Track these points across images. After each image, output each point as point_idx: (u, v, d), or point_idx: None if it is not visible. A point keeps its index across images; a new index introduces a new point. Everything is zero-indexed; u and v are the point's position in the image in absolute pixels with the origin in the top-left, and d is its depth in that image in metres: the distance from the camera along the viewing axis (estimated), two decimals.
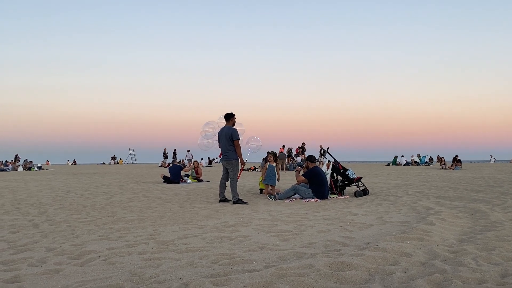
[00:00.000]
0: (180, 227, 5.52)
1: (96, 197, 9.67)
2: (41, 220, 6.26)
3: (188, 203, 8.39)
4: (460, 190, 10.08)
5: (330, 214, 6.52)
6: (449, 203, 7.46)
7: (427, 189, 10.73)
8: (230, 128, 8.33)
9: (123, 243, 4.51)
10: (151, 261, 3.68)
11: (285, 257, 3.69)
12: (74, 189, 12.18)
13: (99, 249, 4.19)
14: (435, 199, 8.22)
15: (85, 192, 11.12)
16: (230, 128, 8.33)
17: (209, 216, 6.58)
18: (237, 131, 8.31)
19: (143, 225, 5.74)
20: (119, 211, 7.26)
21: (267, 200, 8.70)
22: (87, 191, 11.28)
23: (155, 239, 4.67)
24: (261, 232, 5.02)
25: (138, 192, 11.12)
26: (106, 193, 10.69)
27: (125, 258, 3.79)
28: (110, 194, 10.41)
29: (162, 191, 11.21)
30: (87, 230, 5.41)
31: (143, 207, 7.86)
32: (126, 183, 14.61)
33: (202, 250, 4.08)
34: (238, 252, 3.95)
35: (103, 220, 6.29)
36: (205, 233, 5.02)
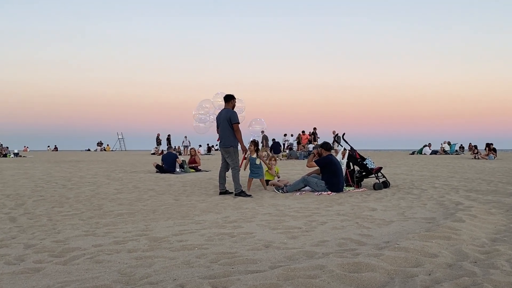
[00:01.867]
0: (175, 222, 5.57)
1: (81, 188, 9.76)
2: (19, 213, 6.34)
3: (184, 196, 8.45)
4: (494, 183, 10.06)
5: (345, 209, 6.54)
6: (482, 198, 7.46)
7: (456, 181, 10.72)
8: (228, 110, 8.34)
9: (111, 239, 4.56)
10: (142, 259, 3.73)
11: (293, 256, 3.72)
12: (55, 178, 12.28)
13: (84, 246, 4.24)
14: (465, 193, 8.21)
15: (68, 182, 11.22)
16: (229, 110, 8.34)
17: (208, 210, 6.63)
18: (236, 114, 8.32)
19: (134, 220, 5.80)
20: (107, 204, 7.32)
21: (274, 193, 8.74)
22: (70, 181, 11.37)
23: (147, 236, 4.72)
24: (266, 229, 5.06)
25: (127, 182, 11.20)
26: (92, 184, 10.78)
27: (113, 257, 3.84)
28: (96, 185, 10.50)
29: (155, 182, 11.28)
30: (70, 224, 5.48)
31: (133, 199, 7.93)
32: (114, 173, 14.71)
33: (200, 248, 4.12)
34: (241, 250, 3.99)
35: (89, 213, 6.36)
36: (203, 229, 5.07)
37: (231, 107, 8.47)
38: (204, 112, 10.35)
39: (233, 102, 8.50)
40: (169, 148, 16.80)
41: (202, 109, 10.29)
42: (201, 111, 10.34)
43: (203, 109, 10.31)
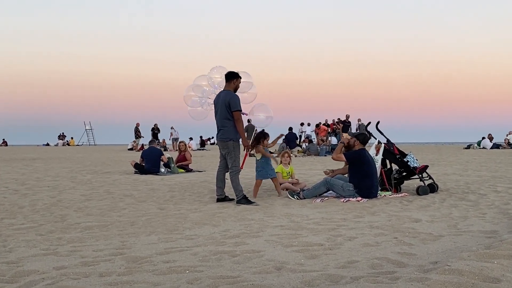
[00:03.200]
0: (160, 238, 5.59)
1: (38, 194, 9.82)
2: None
3: (172, 203, 8.49)
4: None
5: (380, 220, 6.53)
6: None
7: None
8: (228, 93, 8.33)
9: (78, 260, 4.59)
10: (118, 285, 3.75)
11: (312, 281, 3.72)
12: (5, 181, 12.37)
13: (42, 269, 4.26)
14: None
15: (21, 186, 11.30)
16: (229, 93, 8.33)
17: (202, 222, 6.65)
18: (238, 99, 8.30)
19: (106, 235, 5.83)
20: (71, 214, 7.37)
21: (287, 199, 8.75)
22: (24, 185, 11.45)
23: (124, 255, 4.74)
24: (277, 246, 5.06)
25: (98, 186, 11.26)
26: (52, 188, 10.85)
27: (80, 282, 3.86)
28: (57, 190, 10.56)
29: (133, 186, 11.34)
30: (25, 241, 5.51)
31: (105, 208, 7.97)
32: (81, 174, 14.78)
33: (192, 270, 4.13)
34: (245, 274, 3.99)
35: (48, 227, 6.40)
36: (196, 247, 5.08)
37: (233, 89, 8.45)
38: (200, 93, 10.27)
39: (235, 83, 8.46)
40: (152, 142, 16.84)
41: (197, 89, 10.22)
42: (197, 91, 10.26)
43: (198, 89, 10.23)
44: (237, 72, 8.53)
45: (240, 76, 8.59)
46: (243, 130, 8.39)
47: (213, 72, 10.25)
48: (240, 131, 8.29)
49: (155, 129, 36.34)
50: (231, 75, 8.44)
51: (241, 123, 8.27)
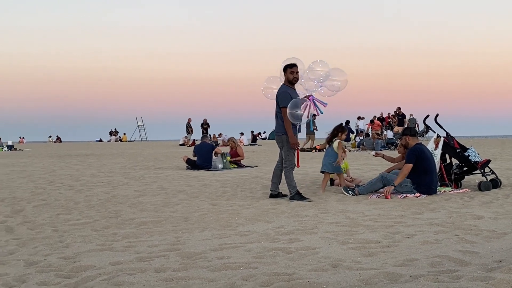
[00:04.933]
0: (214, 234, 5.67)
1: (92, 190, 10.10)
2: (17, 222, 6.65)
3: (224, 199, 8.57)
4: None
5: (440, 217, 6.43)
6: None
7: None
8: (281, 87, 8.32)
9: (133, 255, 4.71)
10: (173, 281, 3.82)
11: (370, 280, 3.70)
12: (60, 177, 12.77)
13: (99, 264, 4.40)
14: None
15: (76, 182, 11.64)
16: (281, 87, 8.32)
17: (255, 218, 6.70)
18: (286, 94, 8.21)
19: (161, 230, 5.95)
20: (126, 210, 7.55)
21: (342, 195, 8.70)
22: (78, 181, 11.80)
23: (178, 251, 4.84)
24: (333, 243, 5.05)
25: (151, 182, 11.48)
26: (106, 184, 11.14)
27: (136, 277, 3.96)
28: (111, 185, 10.84)
29: (185, 181, 11.51)
30: (81, 236, 5.69)
31: (159, 204, 8.13)
32: (134, 169, 15.10)
33: (247, 267, 4.18)
34: (300, 271, 4.01)
35: (103, 222, 6.58)
36: (250, 243, 5.13)
37: (288, 82, 8.35)
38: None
39: (288, 75, 8.36)
40: (204, 138, 17.02)
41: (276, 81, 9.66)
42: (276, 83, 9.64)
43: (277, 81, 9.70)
44: (292, 63, 8.37)
45: (293, 65, 8.37)
46: (290, 127, 8.30)
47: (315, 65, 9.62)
48: (287, 127, 8.21)
49: (205, 124, 36.72)
50: (285, 67, 8.37)
51: (288, 120, 8.20)
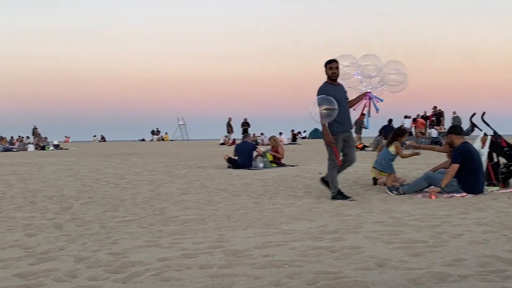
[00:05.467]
0: (257, 232, 5.70)
1: (137, 188, 10.28)
2: (65, 219, 6.82)
3: (266, 198, 8.60)
4: None
5: (488, 217, 6.32)
6: None
7: None
8: (322, 84, 8.26)
9: (179, 252, 4.78)
10: (219, 278, 3.87)
11: (418, 279, 3.68)
12: (105, 176, 13.03)
13: (146, 260, 4.48)
14: None
15: (120, 180, 11.86)
16: (322, 84, 8.25)
17: (298, 216, 6.70)
18: (321, 91, 8.12)
19: (204, 228, 6.01)
20: (170, 208, 7.66)
21: (386, 195, 8.62)
22: (123, 179, 12.02)
23: (223, 248, 4.88)
24: (378, 242, 5.02)
25: (193, 180, 11.61)
26: (150, 182, 11.31)
27: (183, 274, 4.03)
28: (155, 184, 11.00)
29: (227, 180, 11.59)
30: (128, 233, 5.80)
31: (202, 202, 8.21)
32: (176, 168, 15.29)
33: (292, 265, 4.19)
34: (346, 270, 4.00)
35: (149, 219, 6.69)
36: (293, 241, 5.14)
37: (328, 78, 8.22)
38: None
39: (327, 71, 8.20)
40: (245, 137, 17.10)
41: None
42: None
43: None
44: (332, 59, 8.20)
45: (331, 60, 8.18)
46: (325, 126, 8.10)
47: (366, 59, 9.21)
48: (323, 126, 8.16)
49: (245, 123, 36.84)
50: (325, 63, 8.24)
51: None
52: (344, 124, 8.19)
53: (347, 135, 8.29)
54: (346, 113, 8.25)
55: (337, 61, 8.21)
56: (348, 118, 8.32)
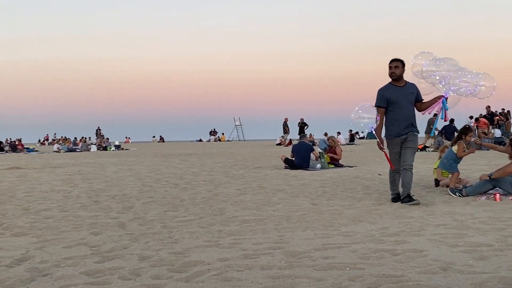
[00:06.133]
0: (316, 233, 5.69)
1: (196, 188, 10.42)
2: (128, 218, 6.99)
3: (325, 199, 8.56)
4: None
5: None
6: None
7: None
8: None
9: (239, 252, 4.83)
10: (280, 279, 3.89)
11: (484, 284, 3.61)
12: (165, 176, 13.27)
13: (207, 260, 4.55)
14: None
15: (180, 180, 12.05)
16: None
17: (357, 218, 6.64)
18: (379, 92, 8.00)
19: (264, 229, 6.04)
20: (229, 208, 7.73)
21: (448, 197, 8.44)
22: (182, 179, 12.21)
23: (283, 249, 4.90)
24: (442, 245, 4.95)
25: (250, 181, 11.67)
26: (208, 182, 11.45)
27: (244, 274, 4.07)
28: (213, 184, 11.12)
29: (284, 181, 11.59)
30: (188, 233, 5.90)
31: (260, 202, 8.25)
32: (233, 169, 15.40)
33: (353, 267, 4.17)
34: (409, 273, 3.96)
35: (208, 219, 6.78)
36: (354, 244, 5.11)
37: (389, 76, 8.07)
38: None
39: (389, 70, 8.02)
40: (302, 137, 17.06)
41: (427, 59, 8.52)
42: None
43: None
44: (394, 58, 7.98)
45: (393, 60, 7.95)
46: (378, 128, 8.05)
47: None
48: (376, 128, 8.08)
49: (302, 123, 36.73)
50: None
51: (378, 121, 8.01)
52: (402, 127, 7.88)
53: (404, 138, 7.91)
54: (406, 115, 7.92)
55: (399, 60, 7.96)
56: (408, 120, 7.93)
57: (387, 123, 7.98)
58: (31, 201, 8.71)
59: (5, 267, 4.45)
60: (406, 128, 7.90)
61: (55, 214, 7.41)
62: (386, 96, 7.92)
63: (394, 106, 7.90)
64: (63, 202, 8.58)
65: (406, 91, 7.95)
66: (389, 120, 7.98)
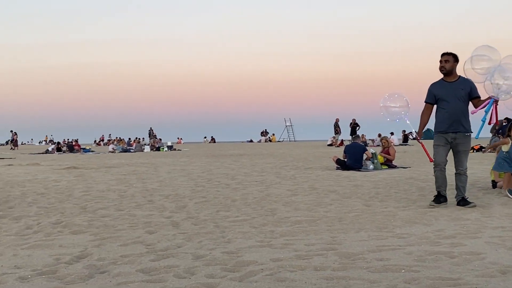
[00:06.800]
0: (370, 235, 5.64)
1: (247, 188, 10.48)
2: (181, 218, 7.09)
3: (378, 200, 8.47)
4: None
5: None
6: None
7: None
8: None
9: (292, 253, 4.83)
10: (334, 280, 3.87)
11: None
12: (216, 176, 13.40)
13: (260, 260, 4.57)
14: None
15: (231, 181, 12.15)
16: None
17: (412, 220, 6.55)
18: (429, 88, 7.85)
19: (316, 230, 6.03)
20: (280, 208, 7.74)
21: (506, 199, 8.23)
22: (234, 180, 12.30)
23: (336, 250, 4.88)
24: (500, 248, 4.84)
25: (302, 181, 11.65)
26: (260, 183, 11.50)
27: (297, 275, 4.07)
28: (264, 184, 11.16)
29: (336, 182, 11.53)
30: (241, 232, 5.94)
31: (312, 203, 8.23)
32: (284, 169, 15.42)
33: (409, 270, 4.12)
34: (466, 276, 3.89)
35: (260, 220, 6.80)
36: (409, 246, 5.04)
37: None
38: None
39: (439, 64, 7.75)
40: (355, 138, 16.93)
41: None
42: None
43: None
44: (444, 52, 7.65)
45: (443, 54, 7.64)
46: (421, 122, 7.96)
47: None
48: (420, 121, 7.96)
49: (353, 124, 36.41)
50: None
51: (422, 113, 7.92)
52: (447, 124, 7.56)
53: (453, 136, 7.55)
54: (452, 113, 7.52)
55: (450, 54, 7.63)
56: (455, 118, 7.52)
57: (435, 120, 7.80)
58: (88, 200, 8.95)
59: (65, 264, 4.59)
60: (451, 126, 7.55)
61: (111, 213, 7.59)
62: (434, 92, 7.74)
63: (442, 102, 7.66)
64: (119, 201, 8.78)
65: (456, 86, 7.59)
66: (436, 117, 7.79)
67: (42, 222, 6.83)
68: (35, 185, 11.59)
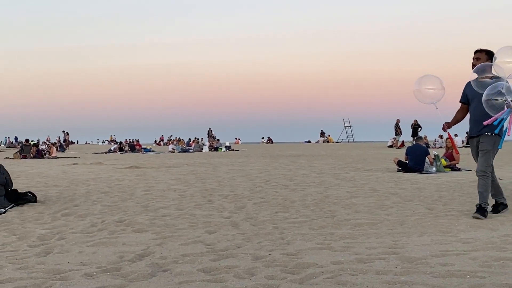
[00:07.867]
0: (433, 239, 5.54)
1: (306, 189, 10.46)
2: (240, 218, 7.16)
3: (441, 204, 8.29)
4: None
5: None
6: None
7: None
8: None
9: (352, 256, 4.80)
10: (397, 285, 3.83)
11: None
12: (274, 177, 13.44)
13: (320, 262, 4.56)
14: None
15: (289, 182, 12.16)
16: None
17: (477, 225, 6.39)
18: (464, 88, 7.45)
19: (377, 233, 5.96)
20: (340, 211, 7.70)
21: None
22: (292, 181, 12.30)
23: (398, 254, 4.82)
24: None
25: (361, 183, 11.54)
26: (318, 184, 11.45)
27: (358, 278, 4.04)
28: (323, 186, 11.11)
29: (397, 184, 11.35)
30: (300, 234, 5.94)
31: (372, 206, 8.14)
32: (344, 171, 15.30)
33: (474, 276, 4.03)
34: None
35: (320, 222, 6.78)
36: (474, 251, 4.92)
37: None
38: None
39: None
40: (418, 139, 16.65)
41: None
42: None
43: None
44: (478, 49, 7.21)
45: (476, 51, 7.18)
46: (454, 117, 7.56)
47: None
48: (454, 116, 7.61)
49: (415, 125, 35.73)
50: None
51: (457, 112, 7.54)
52: (473, 127, 7.16)
53: (478, 140, 7.14)
54: (479, 114, 6.93)
55: (482, 51, 7.12)
56: (477, 120, 7.02)
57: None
58: (149, 199, 9.16)
59: (128, 261, 4.73)
60: (473, 130, 7.18)
61: (172, 212, 7.74)
62: (466, 92, 7.35)
63: (471, 103, 7.22)
64: (179, 201, 8.94)
65: (486, 85, 6.81)
66: (469, 118, 7.35)
67: (106, 220, 7.05)
68: (99, 183, 11.96)
